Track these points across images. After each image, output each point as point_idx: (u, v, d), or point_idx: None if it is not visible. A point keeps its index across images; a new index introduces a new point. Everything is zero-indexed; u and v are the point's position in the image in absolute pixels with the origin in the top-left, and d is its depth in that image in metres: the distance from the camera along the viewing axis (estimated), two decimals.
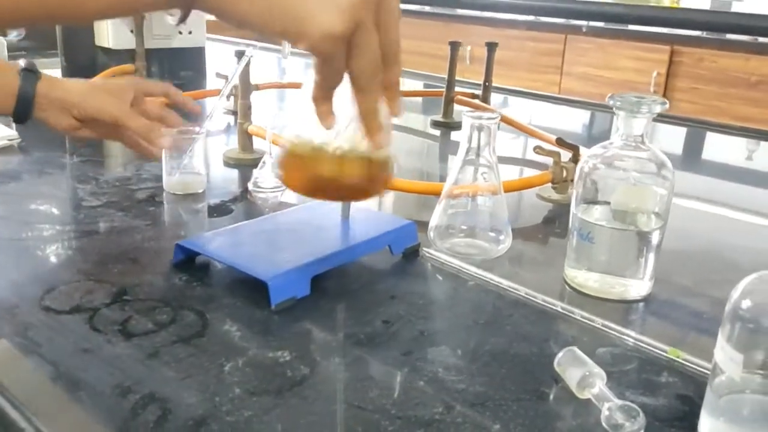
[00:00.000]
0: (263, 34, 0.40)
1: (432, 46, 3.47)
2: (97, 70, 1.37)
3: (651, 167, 0.63)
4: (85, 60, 1.42)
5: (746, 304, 0.41)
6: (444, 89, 1.28)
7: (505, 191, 0.85)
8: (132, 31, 1.41)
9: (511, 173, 1.04)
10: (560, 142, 0.92)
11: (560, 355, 0.50)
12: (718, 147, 1.38)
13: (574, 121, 1.55)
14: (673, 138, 1.41)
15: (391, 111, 0.48)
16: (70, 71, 1.45)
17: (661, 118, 1.53)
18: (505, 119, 1.22)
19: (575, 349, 0.50)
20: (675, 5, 0.81)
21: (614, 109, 0.61)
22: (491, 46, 1.26)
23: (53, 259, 0.67)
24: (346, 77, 0.44)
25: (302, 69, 1.86)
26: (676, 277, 0.70)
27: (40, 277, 0.64)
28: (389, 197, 0.88)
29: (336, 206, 0.71)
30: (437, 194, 0.73)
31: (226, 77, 1.20)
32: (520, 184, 0.87)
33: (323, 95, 0.45)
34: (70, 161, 0.95)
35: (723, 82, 2.94)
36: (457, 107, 1.29)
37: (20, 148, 1.01)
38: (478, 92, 1.33)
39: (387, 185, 0.53)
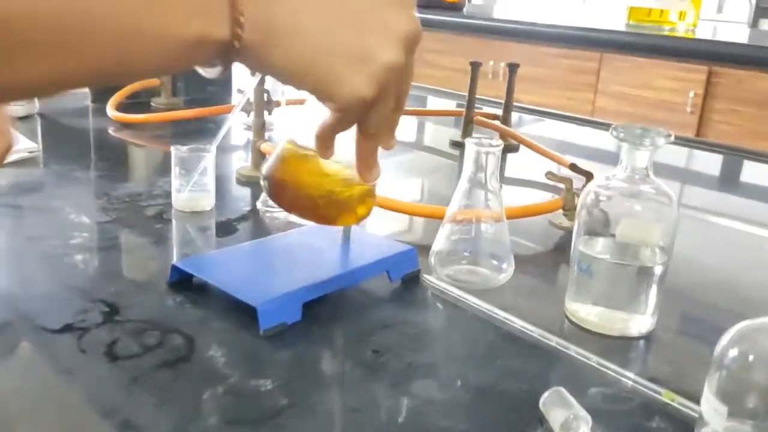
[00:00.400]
0: (294, 88, 0.41)
1: (464, 62, 3.46)
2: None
3: (655, 200, 0.61)
4: None
5: (733, 353, 0.40)
6: (464, 109, 1.27)
7: (515, 217, 0.84)
8: None
9: (525, 197, 1.03)
10: (573, 167, 0.90)
11: (545, 395, 0.49)
12: (754, 174, 1.34)
13: (603, 142, 1.52)
14: (708, 164, 1.37)
15: (385, 146, 0.48)
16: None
17: (696, 143, 1.50)
18: (521, 140, 1.21)
19: (561, 389, 0.49)
20: (691, 32, 0.77)
21: (617, 141, 0.60)
22: (512, 67, 1.24)
23: (54, 275, 0.68)
24: None
25: None
26: (682, 311, 0.67)
27: (39, 293, 0.64)
28: (396, 219, 0.87)
29: (337, 229, 0.71)
30: (441, 218, 0.72)
31: (244, 93, 1.21)
32: (530, 210, 0.85)
33: (329, 136, 0.45)
34: (86, 175, 0.97)
35: (763, 104, 2.87)
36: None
37: (40, 160, 1.02)
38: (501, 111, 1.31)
39: (365, 214, 0.53)
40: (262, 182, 0.53)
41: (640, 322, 0.63)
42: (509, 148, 1.27)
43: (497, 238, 0.71)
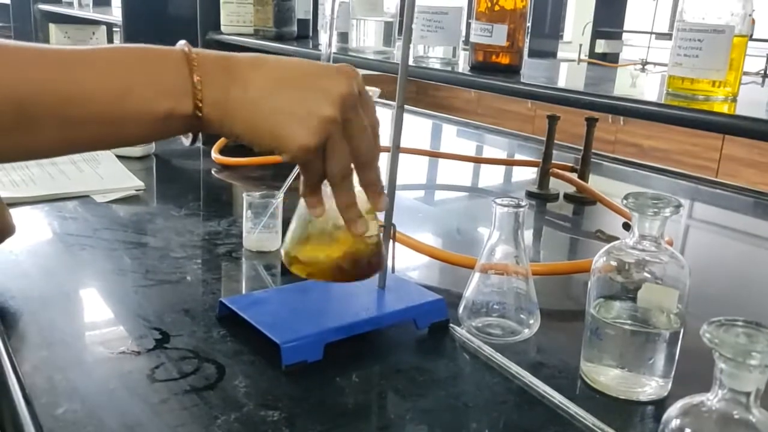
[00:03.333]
0: (255, 148, 0.51)
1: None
2: None
3: (669, 268, 0.62)
4: None
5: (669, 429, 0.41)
6: (541, 160, 1.30)
7: (557, 274, 0.86)
8: None
9: (584, 250, 1.03)
10: (626, 227, 0.91)
11: None
12: None
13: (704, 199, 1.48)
14: None
15: (374, 206, 0.54)
16: None
17: None
18: (595, 195, 1.21)
19: None
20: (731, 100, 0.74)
21: (628, 209, 0.62)
22: (591, 122, 1.26)
23: (125, 303, 0.78)
24: None
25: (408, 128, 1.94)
26: (698, 377, 0.67)
27: (108, 319, 0.74)
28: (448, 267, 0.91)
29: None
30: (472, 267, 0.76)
31: None
32: (570, 268, 0.87)
33: (309, 190, 0.54)
34: (178, 213, 1.08)
35: None
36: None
37: (143, 198, 1.16)
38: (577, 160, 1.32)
39: (373, 270, 0.58)
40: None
41: (653, 387, 0.63)
42: (585, 202, 1.27)
43: (525, 293, 0.74)
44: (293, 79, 0.49)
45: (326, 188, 0.54)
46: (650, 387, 0.63)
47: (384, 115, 2.10)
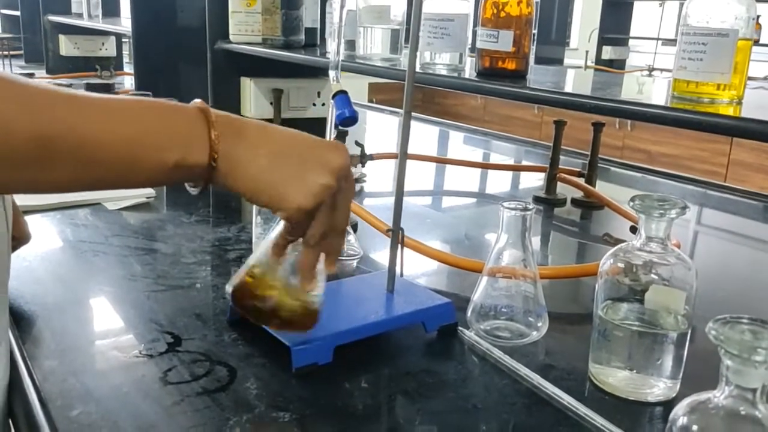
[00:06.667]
0: (255, 203, 0.56)
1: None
2: None
3: (676, 268, 0.63)
4: None
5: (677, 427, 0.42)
6: (548, 166, 1.30)
7: (564, 277, 0.86)
8: (271, 103, 1.58)
9: (591, 254, 1.04)
10: (634, 230, 0.91)
11: None
12: None
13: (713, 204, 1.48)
14: None
15: (326, 267, 0.61)
16: None
17: None
18: (602, 199, 1.22)
19: None
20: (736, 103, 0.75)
21: (634, 211, 0.62)
22: (597, 127, 1.26)
23: (137, 308, 0.79)
24: None
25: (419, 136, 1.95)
26: (705, 378, 0.67)
27: (122, 324, 0.75)
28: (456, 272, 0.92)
29: (383, 278, 0.77)
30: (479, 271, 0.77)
31: None
32: (578, 271, 0.88)
33: (283, 244, 0.60)
34: (189, 220, 1.10)
35: None
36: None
37: (153, 205, 1.17)
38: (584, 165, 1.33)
39: (307, 328, 0.64)
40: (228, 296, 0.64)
41: (661, 388, 0.64)
42: (593, 206, 1.28)
43: (532, 296, 0.74)
44: (297, 149, 0.55)
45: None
46: (658, 388, 0.64)
47: (391, 123, 2.12)
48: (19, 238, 0.77)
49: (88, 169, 0.47)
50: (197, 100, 0.53)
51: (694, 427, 0.41)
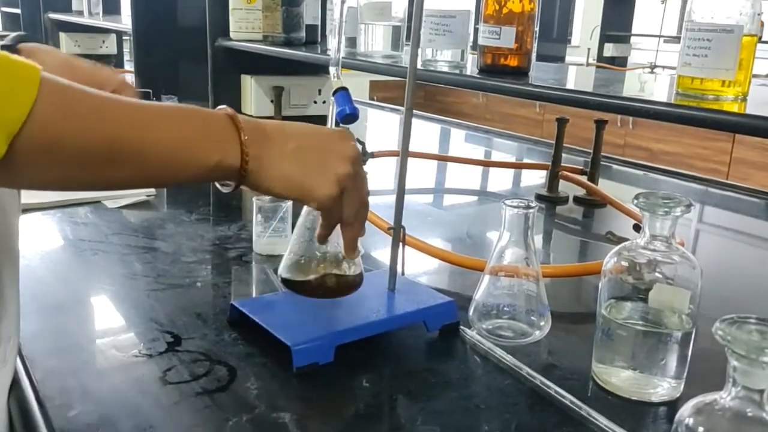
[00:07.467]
0: (283, 198, 0.62)
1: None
2: None
3: (681, 267, 0.62)
4: None
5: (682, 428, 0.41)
6: (550, 163, 1.29)
7: (567, 276, 0.86)
8: (272, 101, 1.57)
9: (594, 253, 1.03)
10: (637, 228, 0.91)
11: None
12: None
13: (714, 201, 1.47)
14: None
15: (348, 256, 0.67)
16: None
17: None
18: (605, 197, 1.21)
19: None
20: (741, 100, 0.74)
21: (639, 209, 0.61)
22: (600, 124, 1.26)
23: (137, 307, 0.78)
24: None
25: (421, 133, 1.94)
26: (710, 378, 0.66)
27: (121, 321, 0.75)
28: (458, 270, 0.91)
29: (384, 276, 0.76)
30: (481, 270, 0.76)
31: None
32: (581, 270, 0.87)
33: (326, 233, 0.65)
34: (189, 219, 1.09)
35: None
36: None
37: (154, 203, 1.16)
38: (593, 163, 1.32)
39: (353, 288, 0.69)
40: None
41: (665, 388, 0.63)
42: (595, 204, 1.27)
43: (535, 295, 0.74)
44: (314, 143, 0.60)
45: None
46: (662, 388, 0.63)
47: (393, 121, 2.12)
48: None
49: (148, 168, 0.52)
50: (223, 106, 0.58)
51: (700, 429, 0.41)
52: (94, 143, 0.48)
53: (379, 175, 1.45)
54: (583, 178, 1.30)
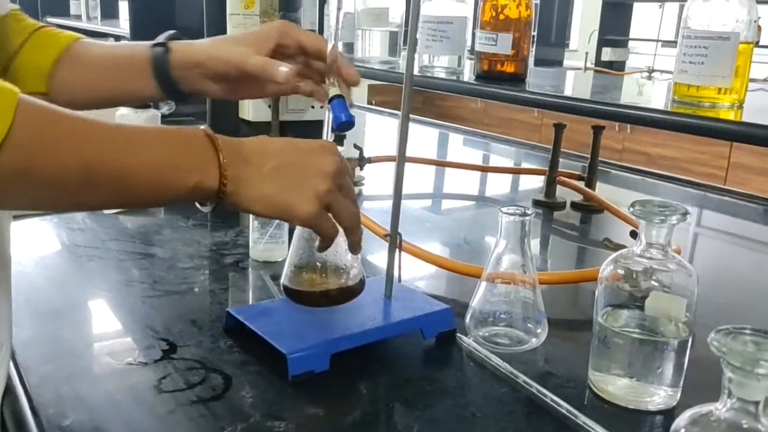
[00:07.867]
0: (263, 217, 0.60)
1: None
2: None
3: (677, 275, 0.62)
4: (229, 130, 1.59)
5: None
6: (547, 168, 1.29)
7: (564, 283, 0.86)
8: (269, 106, 1.57)
9: (591, 259, 1.03)
10: (633, 235, 0.90)
11: None
12: None
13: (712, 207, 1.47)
14: None
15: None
16: None
17: None
18: (602, 203, 1.21)
19: None
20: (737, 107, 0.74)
21: (635, 217, 0.61)
22: (597, 130, 1.25)
23: (132, 313, 0.78)
24: None
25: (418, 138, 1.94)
26: (707, 386, 0.66)
27: (116, 328, 0.75)
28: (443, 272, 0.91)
29: (380, 283, 0.76)
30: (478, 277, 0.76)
31: None
32: (578, 276, 0.87)
33: (324, 245, 0.64)
34: (186, 224, 1.09)
35: None
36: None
37: (149, 208, 1.16)
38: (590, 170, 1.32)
39: (354, 296, 0.69)
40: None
41: (661, 396, 0.63)
42: (592, 210, 1.27)
43: (532, 303, 0.74)
44: (292, 159, 0.59)
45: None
46: (659, 396, 0.63)
47: (391, 125, 2.12)
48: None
49: (126, 191, 0.52)
50: (203, 126, 0.58)
51: None
52: (69, 167, 0.48)
53: (377, 180, 1.45)
54: (581, 184, 1.30)
